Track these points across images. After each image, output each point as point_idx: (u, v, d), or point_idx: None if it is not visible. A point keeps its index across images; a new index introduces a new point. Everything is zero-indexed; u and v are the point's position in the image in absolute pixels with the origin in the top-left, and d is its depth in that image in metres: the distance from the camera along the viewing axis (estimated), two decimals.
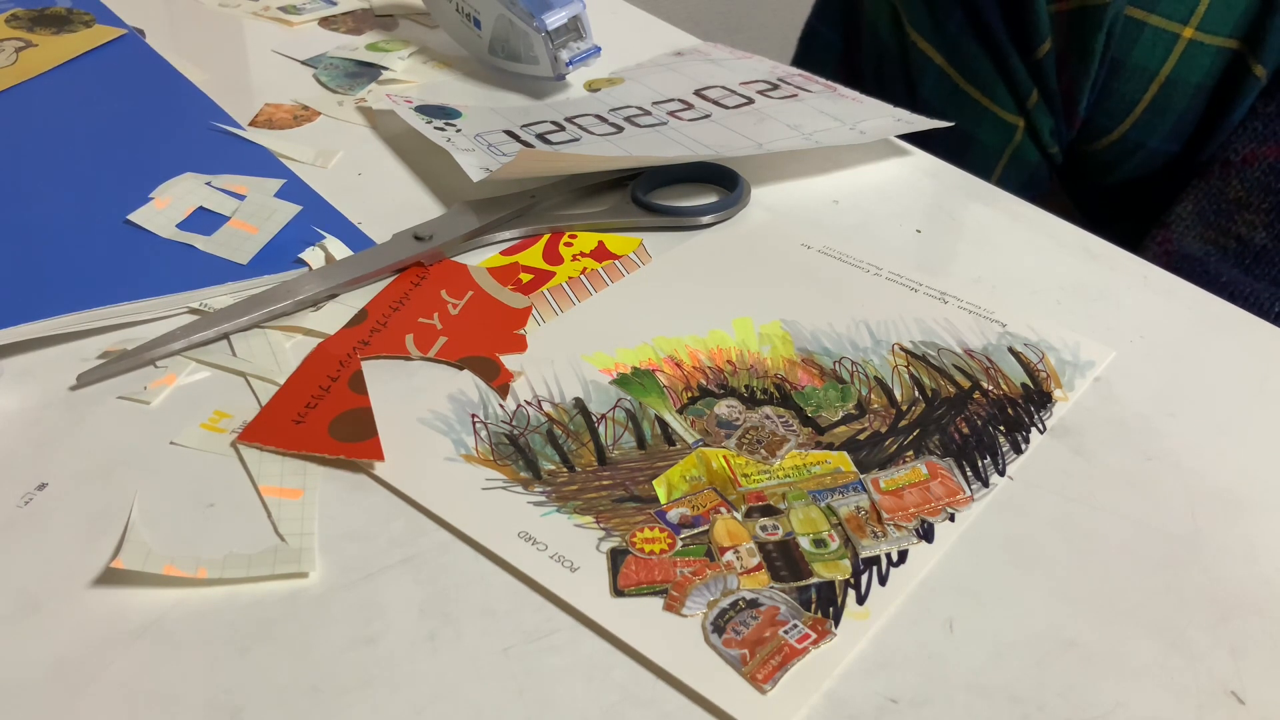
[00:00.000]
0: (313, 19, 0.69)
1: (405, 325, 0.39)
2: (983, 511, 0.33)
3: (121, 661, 0.27)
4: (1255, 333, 0.42)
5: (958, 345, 0.39)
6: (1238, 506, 0.34)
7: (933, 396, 0.37)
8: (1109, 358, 0.39)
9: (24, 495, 0.32)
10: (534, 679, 0.27)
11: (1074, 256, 0.46)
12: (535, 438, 0.35)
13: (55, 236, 0.43)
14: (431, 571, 0.30)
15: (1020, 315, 0.41)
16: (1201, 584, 0.31)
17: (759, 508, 0.32)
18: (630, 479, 0.33)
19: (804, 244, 0.45)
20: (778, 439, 0.35)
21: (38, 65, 0.57)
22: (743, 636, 0.28)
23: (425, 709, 0.27)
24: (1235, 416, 0.37)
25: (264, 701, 0.26)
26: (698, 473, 0.33)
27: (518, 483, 0.33)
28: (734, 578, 0.30)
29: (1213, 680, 0.28)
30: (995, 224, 0.48)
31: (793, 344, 0.39)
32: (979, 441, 0.35)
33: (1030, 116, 0.69)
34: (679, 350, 0.39)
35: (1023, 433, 0.36)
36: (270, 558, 0.30)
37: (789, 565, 0.30)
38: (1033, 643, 0.29)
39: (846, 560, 0.31)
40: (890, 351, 0.39)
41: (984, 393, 0.37)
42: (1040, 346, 0.39)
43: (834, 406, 0.36)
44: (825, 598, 0.29)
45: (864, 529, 0.32)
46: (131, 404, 0.35)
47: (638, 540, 0.31)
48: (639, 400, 0.36)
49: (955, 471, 0.34)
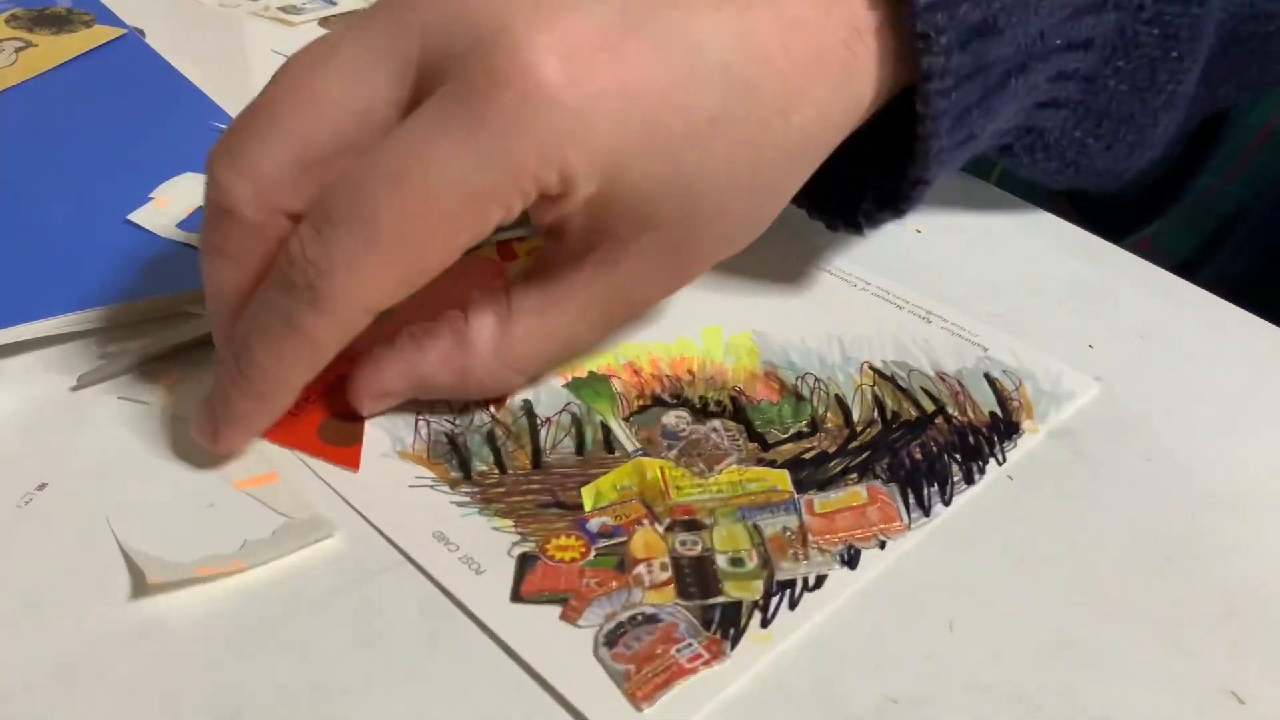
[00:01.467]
0: (313, 19, 0.70)
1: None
2: (918, 542, 0.31)
3: (121, 661, 0.27)
4: (1255, 333, 0.41)
5: (931, 367, 0.38)
6: (1238, 506, 0.33)
7: (891, 419, 0.36)
8: (1091, 391, 0.37)
9: (24, 495, 0.32)
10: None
11: (1074, 256, 0.46)
12: (474, 437, 0.35)
13: (55, 236, 0.43)
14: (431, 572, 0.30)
15: (1005, 339, 0.39)
16: (1201, 584, 0.31)
17: (683, 521, 0.32)
18: (560, 485, 0.33)
19: (795, 255, 0.44)
20: (720, 453, 0.34)
21: (38, 65, 0.57)
22: (633, 651, 0.28)
23: (425, 709, 0.26)
24: (1235, 416, 0.37)
25: (264, 701, 0.26)
26: (630, 482, 0.33)
27: (446, 482, 0.33)
28: (639, 591, 0.30)
29: (1213, 680, 0.28)
30: (995, 224, 0.48)
31: (759, 356, 0.38)
32: (930, 469, 0.34)
33: None
34: (640, 357, 0.38)
35: (979, 463, 0.34)
36: (288, 533, 0.31)
37: (699, 582, 0.30)
38: (1033, 643, 0.29)
39: (760, 581, 0.30)
40: (858, 370, 0.38)
41: (948, 418, 0.36)
42: (1019, 374, 0.38)
43: (786, 423, 0.36)
44: (729, 618, 0.29)
45: (786, 550, 0.31)
46: (132, 404, 0.35)
47: (550, 547, 0.31)
48: (588, 405, 0.36)
49: (897, 498, 0.33)
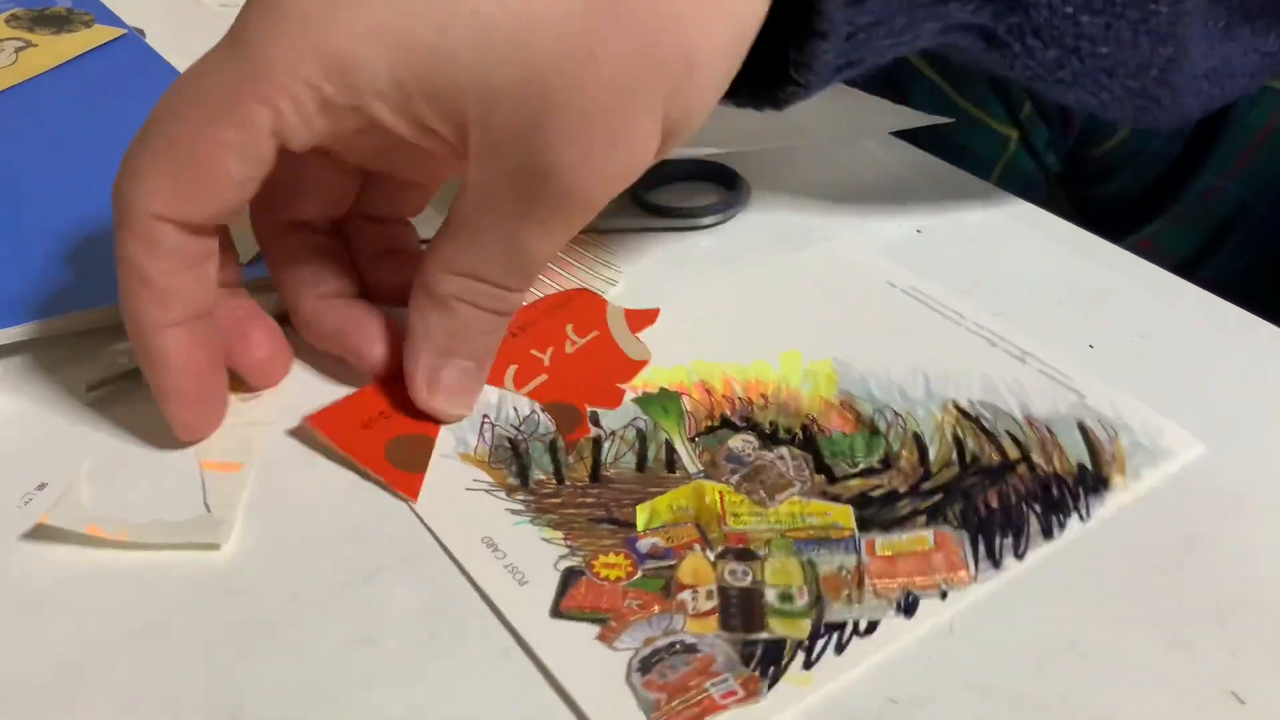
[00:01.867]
0: None
1: (515, 354, 0.38)
2: (984, 596, 0.30)
3: (121, 661, 0.28)
4: (1255, 333, 0.41)
5: (1020, 410, 0.36)
6: (1238, 506, 0.33)
7: (971, 462, 0.34)
8: (1194, 450, 0.35)
9: (24, 495, 0.32)
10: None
11: (1074, 256, 0.45)
12: (536, 445, 0.34)
13: (54, 236, 0.43)
14: (431, 571, 0.30)
15: (1104, 387, 0.37)
16: (1201, 584, 0.30)
17: (735, 550, 0.31)
18: (616, 500, 0.32)
19: (889, 282, 0.43)
20: (783, 482, 0.33)
21: (38, 65, 0.57)
22: (666, 680, 0.27)
23: (425, 709, 0.26)
24: (1235, 416, 0.36)
25: (264, 701, 0.26)
26: (687, 504, 0.32)
27: (503, 488, 0.33)
28: (681, 618, 0.29)
29: (1213, 680, 0.28)
30: (995, 224, 0.48)
31: (836, 385, 0.37)
32: (1005, 519, 0.32)
33: (1024, 127, 0.68)
34: (714, 376, 0.37)
35: (1060, 517, 0.32)
36: (182, 528, 0.30)
37: (744, 615, 0.29)
38: (1033, 643, 0.29)
39: (808, 620, 0.29)
40: (941, 407, 0.36)
41: (1031, 466, 0.34)
42: (1115, 425, 0.35)
43: (856, 457, 0.34)
44: (770, 656, 0.28)
45: (840, 590, 0.30)
46: (132, 404, 0.35)
47: (597, 564, 0.30)
48: (655, 421, 0.36)
49: (966, 547, 0.31)
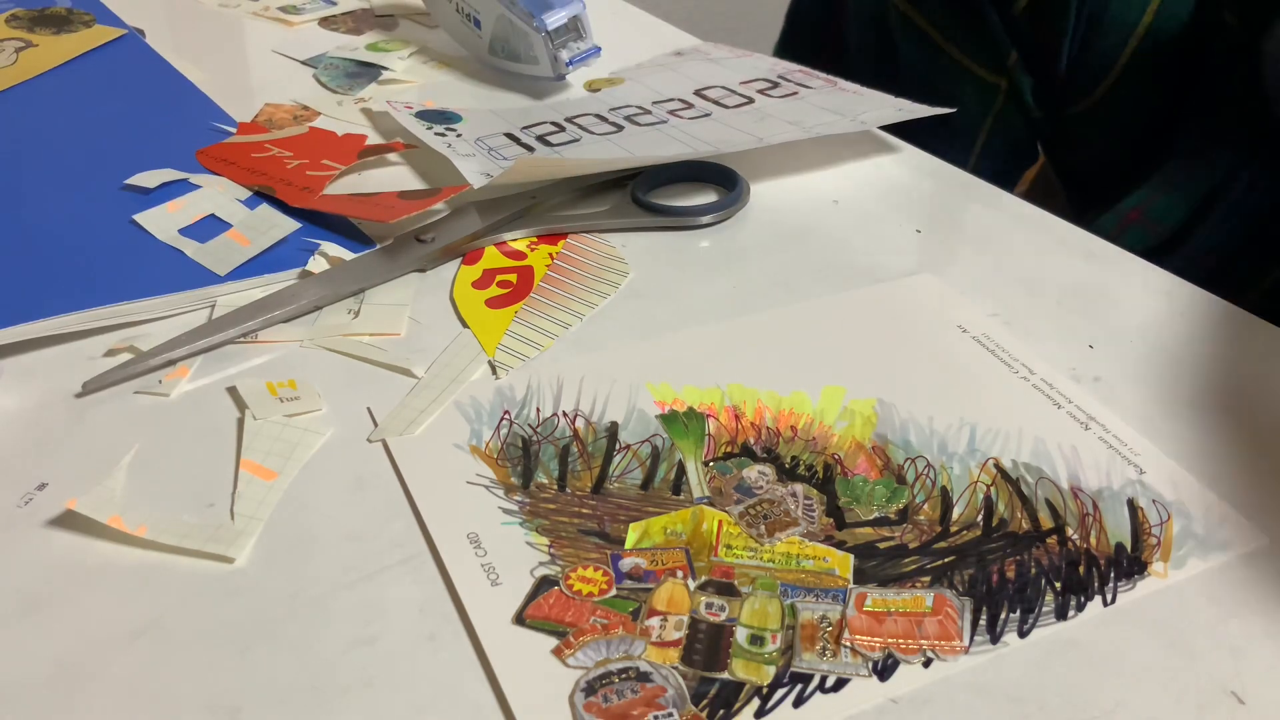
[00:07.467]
0: (313, 19, 0.71)
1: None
2: (969, 669, 0.28)
3: (121, 661, 0.28)
4: (1255, 333, 0.41)
5: (1068, 479, 0.34)
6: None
7: (997, 527, 0.32)
8: (1255, 543, 0.31)
9: (24, 495, 0.33)
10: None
11: (1074, 256, 0.45)
12: (548, 448, 0.34)
13: (54, 236, 0.44)
14: (431, 571, 0.30)
15: (1170, 464, 0.34)
16: (1201, 584, 0.30)
17: (718, 583, 0.30)
18: (612, 514, 0.32)
19: (960, 326, 0.40)
20: (786, 520, 0.32)
21: (38, 65, 0.58)
22: (609, 706, 0.26)
23: (425, 709, 0.27)
24: (1235, 416, 0.36)
25: (264, 701, 0.27)
26: (682, 529, 0.32)
27: (503, 486, 0.33)
28: (642, 644, 0.28)
29: (1213, 680, 0.28)
30: (995, 224, 0.48)
31: (874, 427, 0.35)
32: (1017, 592, 0.30)
33: (1011, 76, 0.69)
34: (747, 402, 0.36)
35: (1079, 598, 0.30)
36: (208, 534, 0.31)
37: (709, 652, 0.28)
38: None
39: (773, 667, 0.27)
40: (980, 465, 0.34)
41: (1063, 540, 0.31)
42: (1170, 507, 0.32)
43: (874, 504, 0.33)
44: (724, 698, 0.27)
45: (814, 642, 0.28)
46: (132, 404, 0.36)
47: (573, 576, 0.30)
48: (673, 440, 0.35)
49: (966, 615, 0.29)
